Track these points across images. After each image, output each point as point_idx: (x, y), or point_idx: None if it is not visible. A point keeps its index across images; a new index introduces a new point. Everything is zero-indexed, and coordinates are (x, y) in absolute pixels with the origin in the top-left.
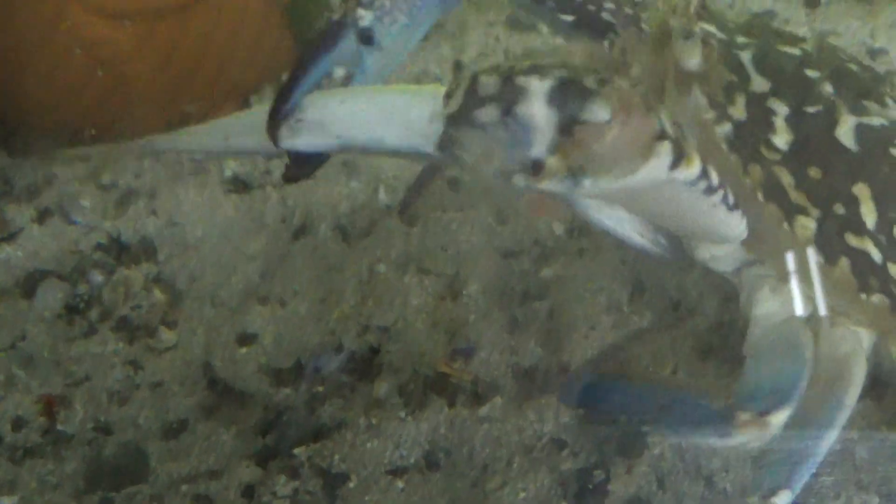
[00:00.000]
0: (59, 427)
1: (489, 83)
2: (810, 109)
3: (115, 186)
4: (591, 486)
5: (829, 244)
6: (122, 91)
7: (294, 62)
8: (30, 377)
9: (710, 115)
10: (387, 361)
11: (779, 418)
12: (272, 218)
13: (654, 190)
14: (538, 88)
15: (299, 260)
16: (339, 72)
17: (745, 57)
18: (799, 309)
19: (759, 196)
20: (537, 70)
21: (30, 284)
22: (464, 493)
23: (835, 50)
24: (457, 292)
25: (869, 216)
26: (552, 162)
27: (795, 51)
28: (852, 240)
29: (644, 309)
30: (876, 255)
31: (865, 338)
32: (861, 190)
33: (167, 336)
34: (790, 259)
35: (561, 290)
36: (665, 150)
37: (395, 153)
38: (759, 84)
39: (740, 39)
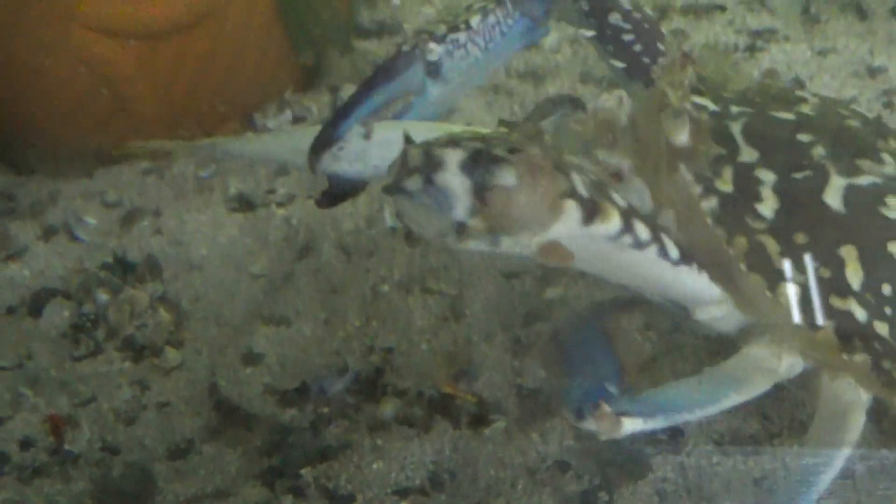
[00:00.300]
0: (67, 447)
1: (415, 155)
2: (798, 175)
3: (119, 204)
4: None
5: (813, 308)
6: (126, 109)
7: (357, 86)
8: (37, 396)
9: (696, 190)
10: (391, 382)
11: (631, 425)
12: (276, 237)
13: (587, 248)
14: (453, 158)
15: (303, 279)
16: (400, 99)
17: (736, 128)
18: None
19: (743, 266)
20: (453, 142)
21: (36, 303)
22: None
23: (836, 107)
24: (460, 313)
25: (855, 277)
26: (474, 223)
27: (790, 115)
28: (837, 302)
29: (646, 329)
30: (861, 315)
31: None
32: (848, 251)
33: (173, 356)
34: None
35: (564, 311)
36: (571, 207)
37: None
38: (748, 154)
39: (734, 109)
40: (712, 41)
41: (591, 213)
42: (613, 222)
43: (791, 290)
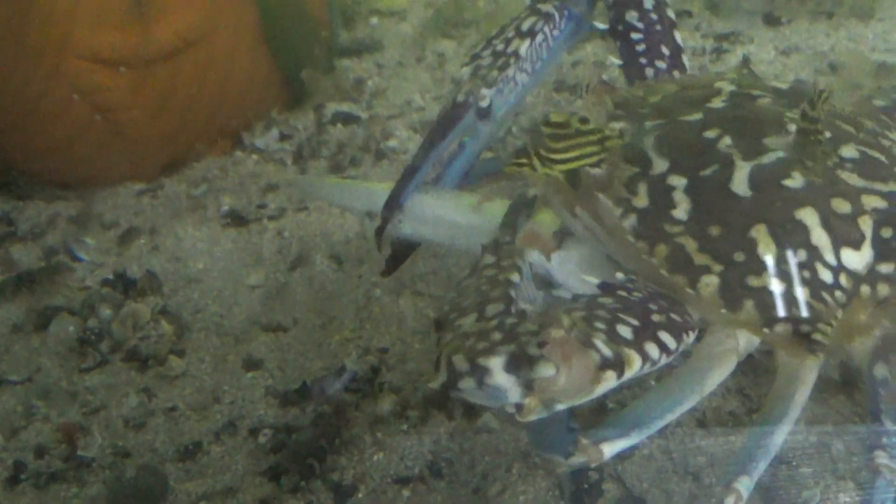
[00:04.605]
0: (80, 453)
1: (461, 364)
2: (707, 172)
3: (116, 224)
4: (586, 487)
5: (733, 293)
6: (120, 135)
7: (419, 149)
8: (48, 407)
9: (617, 212)
10: (388, 380)
11: (612, 448)
12: (269, 250)
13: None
14: (496, 365)
15: (298, 288)
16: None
17: (648, 143)
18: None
19: (664, 272)
20: (492, 350)
21: (42, 320)
22: (467, 499)
23: (755, 87)
24: None
25: (767, 252)
26: (529, 402)
27: (699, 115)
28: (753, 281)
29: None
30: (777, 287)
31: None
32: (758, 231)
33: (177, 364)
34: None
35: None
36: (608, 377)
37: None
38: (660, 166)
39: (648, 124)
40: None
41: (621, 369)
42: (636, 364)
43: (712, 281)
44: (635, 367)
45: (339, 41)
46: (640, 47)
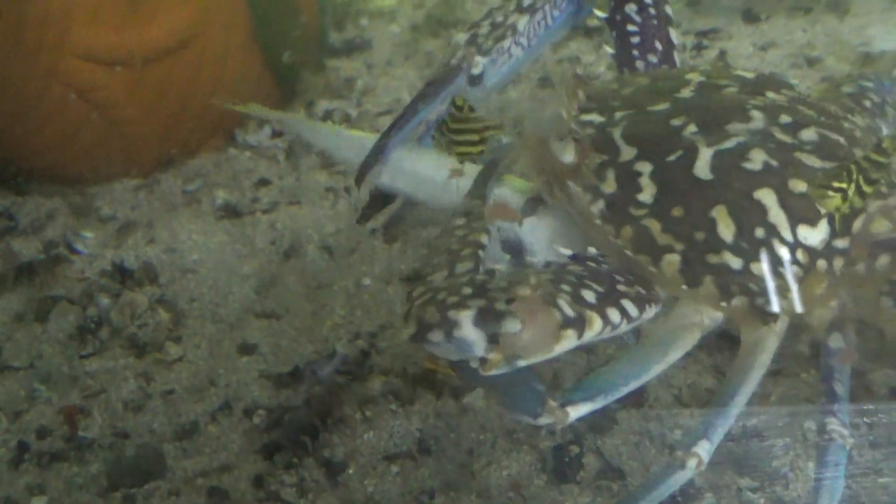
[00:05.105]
0: (81, 433)
1: (431, 316)
2: (672, 158)
3: (114, 218)
4: (567, 460)
5: (693, 270)
6: (116, 132)
7: (408, 104)
8: (50, 391)
9: (586, 198)
10: (377, 362)
11: (577, 411)
12: (263, 241)
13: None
14: (465, 318)
15: (291, 277)
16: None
17: (617, 133)
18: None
19: (629, 252)
20: (462, 304)
21: (43, 309)
22: (454, 474)
23: (722, 77)
24: None
25: (727, 232)
26: (493, 357)
27: (666, 105)
28: (713, 258)
29: None
30: (735, 264)
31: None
32: (718, 211)
33: (174, 350)
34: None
35: None
36: (568, 335)
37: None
38: (627, 154)
39: (618, 115)
40: None
41: (582, 329)
42: (596, 325)
43: (674, 259)
44: (596, 328)
45: (329, 41)
46: (635, 39)
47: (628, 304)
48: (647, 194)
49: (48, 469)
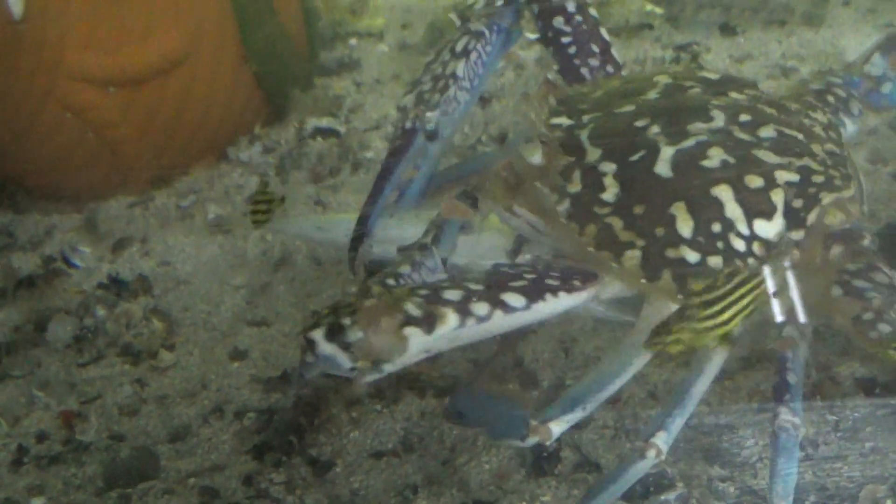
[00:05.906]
0: (78, 437)
1: (303, 342)
2: (634, 157)
3: (109, 234)
4: (545, 455)
5: (652, 264)
6: (111, 151)
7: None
8: (48, 397)
9: (553, 199)
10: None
11: (559, 427)
12: (254, 253)
13: (448, 340)
14: (318, 336)
15: (281, 287)
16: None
17: (584, 135)
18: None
19: (592, 249)
20: (315, 324)
21: (41, 321)
22: (436, 470)
23: (687, 79)
24: None
25: (685, 227)
26: (361, 366)
27: (632, 107)
28: (671, 252)
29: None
30: (692, 258)
31: None
32: (677, 208)
33: (167, 357)
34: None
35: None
36: (411, 332)
37: None
38: (592, 155)
39: (585, 118)
40: (642, 56)
41: (430, 324)
42: (450, 320)
43: (635, 255)
44: (449, 322)
45: (318, 60)
46: (572, 49)
47: (511, 297)
48: (610, 193)
49: (47, 471)
